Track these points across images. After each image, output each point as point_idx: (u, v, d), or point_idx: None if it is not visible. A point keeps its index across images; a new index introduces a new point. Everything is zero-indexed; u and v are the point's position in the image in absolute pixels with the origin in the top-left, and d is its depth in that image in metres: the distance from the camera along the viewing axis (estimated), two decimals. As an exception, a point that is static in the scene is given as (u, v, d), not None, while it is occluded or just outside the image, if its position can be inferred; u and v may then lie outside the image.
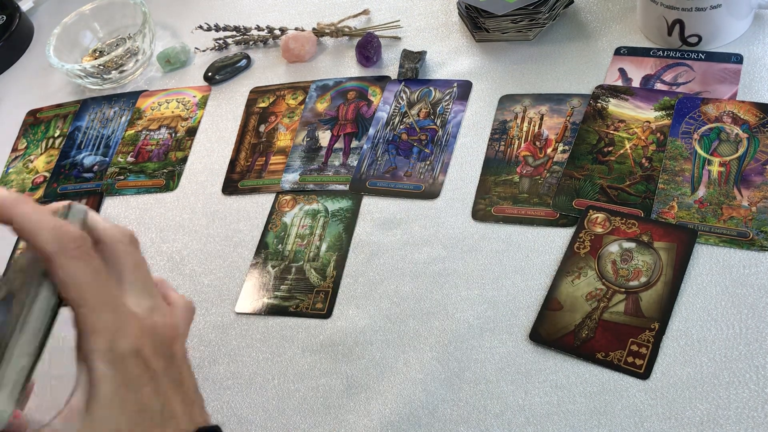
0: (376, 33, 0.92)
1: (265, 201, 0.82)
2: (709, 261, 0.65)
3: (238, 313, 0.74)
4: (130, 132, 0.95)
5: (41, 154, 0.97)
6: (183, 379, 0.44)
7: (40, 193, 0.92)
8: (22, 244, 0.87)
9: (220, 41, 1.00)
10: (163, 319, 0.44)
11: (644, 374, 0.60)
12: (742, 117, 0.72)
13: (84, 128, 0.97)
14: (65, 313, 0.42)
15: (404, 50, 0.89)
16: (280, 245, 0.78)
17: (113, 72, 0.99)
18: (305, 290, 0.73)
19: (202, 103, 0.95)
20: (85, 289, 0.40)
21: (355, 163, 0.82)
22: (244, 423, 0.67)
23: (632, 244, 0.67)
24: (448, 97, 0.84)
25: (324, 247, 0.76)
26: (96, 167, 0.92)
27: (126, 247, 0.44)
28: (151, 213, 0.85)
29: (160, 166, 0.89)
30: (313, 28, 0.96)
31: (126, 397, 0.41)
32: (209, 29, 1.00)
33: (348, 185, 0.80)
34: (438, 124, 0.82)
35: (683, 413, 0.58)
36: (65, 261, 0.40)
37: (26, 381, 0.40)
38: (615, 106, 0.77)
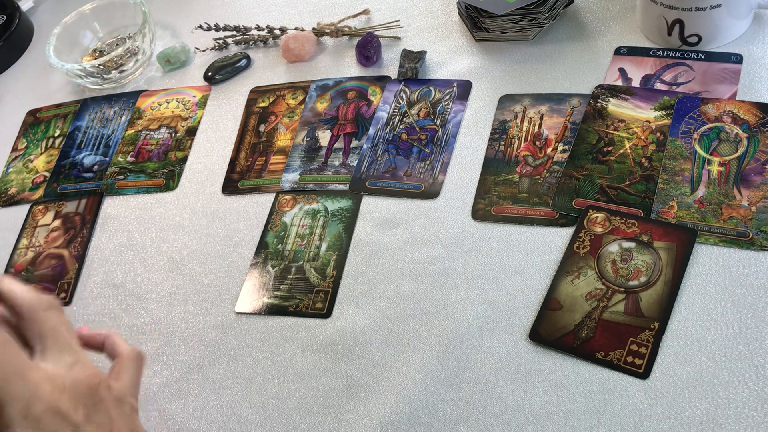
0: (376, 33, 0.92)
1: (265, 201, 0.82)
2: (708, 261, 0.65)
3: (238, 313, 0.74)
4: (130, 132, 0.95)
5: (41, 153, 0.97)
6: (113, 421, 0.47)
7: (40, 192, 0.92)
8: (21, 243, 0.87)
9: (220, 41, 1.00)
10: (83, 370, 0.47)
11: (644, 374, 0.60)
12: (741, 117, 0.72)
13: (84, 128, 0.97)
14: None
15: (404, 50, 0.89)
16: (280, 245, 0.78)
17: (113, 72, 0.99)
18: (305, 290, 0.73)
19: (202, 103, 0.95)
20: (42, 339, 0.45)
21: (355, 163, 0.82)
22: (244, 423, 0.67)
23: (632, 244, 0.67)
24: (448, 97, 0.84)
25: (324, 247, 0.76)
26: (96, 167, 0.92)
27: (43, 314, 0.47)
28: (151, 213, 0.85)
29: (160, 166, 0.89)
30: (313, 28, 0.96)
31: None
32: (209, 29, 1.00)
33: (348, 185, 0.80)
34: (438, 123, 0.82)
35: (683, 413, 0.58)
36: (36, 315, 0.44)
37: None
38: (615, 106, 0.77)
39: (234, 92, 0.95)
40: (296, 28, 0.97)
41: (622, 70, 0.80)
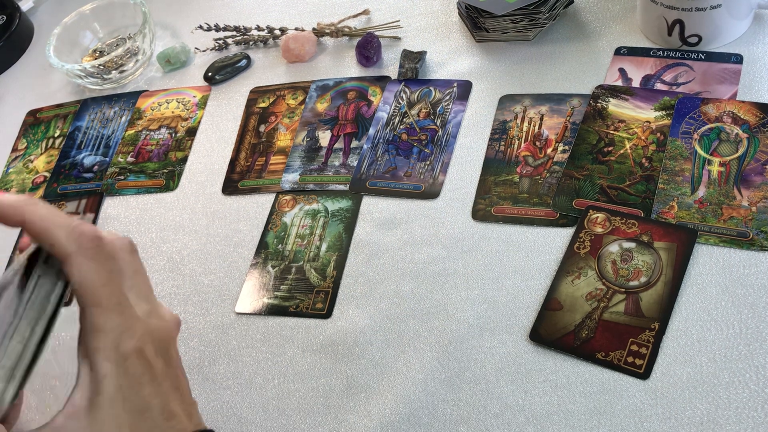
0: (376, 33, 0.92)
1: (265, 201, 0.82)
2: (709, 261, 0.65)
3: (238, 313, 0.74)
4: (130, 132, 0.95)
5: (41, 154, 0.97)
6: (180, 382, 0.45)
7: (40, 192, 0.92)
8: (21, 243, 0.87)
9: (220, 41, 1.00)
10: (160, 322, 0.45)
11: (644, 374, 0.60)
12: (742, 117, 0.72)
13: (84, 128, 0.97)
14: (66, 313, 0.42)
15: (404, 50, 0.89)
16: (280, 245, 0.78)
17: (113, 72, 0.99)
18: (305, 290, 0.73)
19: (202, 103, 0.95)
20: (98, 289, 0.41)
21: (355, 163, 0.82)
22: (244, 423, 0.67)
23: (632, 244, 0.67)
24: (448, 97, 0.84)
25: (324, 247, 0.76)
26: (96, 167, 0.92)
27: (127, 255, 0.45)
28: (151, 213, 0.85)
29: (160, 166, 0.89)
30: (313, 28, 0.96)
31: (129, 395, 0.42)
32: (209, 29, 1.00)
33: (348, 185, 0.80)
34: (438, 124, 0.82)
35: (683, 413, 0.58)
36: (81, 261, 0.41)
37: (25, 369, 0.39)
38: (615, 106, 0.77)
39: (234, 92, 0.94)
40: (296, 29, 0.97)
41: (622, 71, 0.80)
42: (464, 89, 0.85)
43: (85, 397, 0.41)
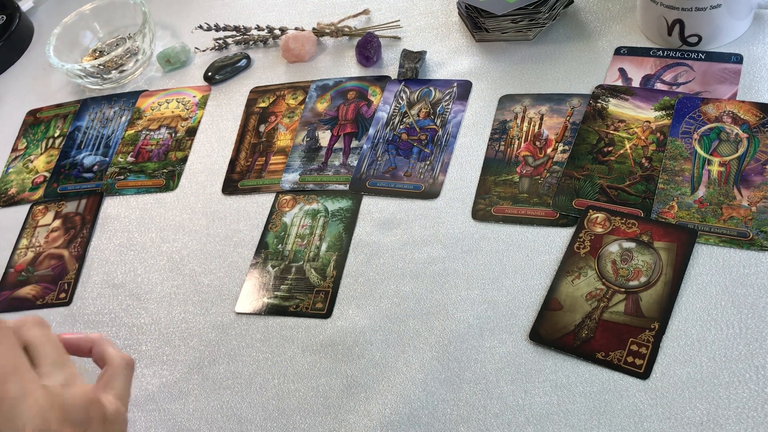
0: (376, 33, 0.92)
1: (265, 201, 0.82)
2: (709, 261, 0.65)
3: (238, 313, 0.74)
4: (130, 132, 0.95)
5: (41, 153, 0.97)
6: None
7: (40, 192, 0.92)
8: (21, 243, 0.87)
9: (220, 41, 1.00)
10: (74, 389, 0.46)
11: (644, 374, 0.60)
12: (742, 117, 0.72)
13: (84, 128, 0.97)
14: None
15: (404, 50, 0.89)
16: (280, 245, 0.78)
17: (113, 72, 0.99)
18: (305, 290, 0.73)
19: (202, 103, 0.95)
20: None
21: (355, 163, 0.82)
22: (244, 423, 0.67)
23: (632, 244, 0.67)
24: (448, 97, 0.84)
25: (324, 247, 0.76)
26: (96, 167, 0.92)
27: (29, 331, 0.46)
28: (151, 213, 0.85)
29: (160, 166, 0.89)
30: (313, 28, 0.96)
31: None
32: (209, 29, 1.00)
33: (348, 185, 0.80)
34: (438, 124, 0.82)
35: (683, 413, 0.58)
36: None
37: None
38: (615, 106, 0.77)
39: (234, 92, 0.94)
40: (296, 28, 0.97)
41: (622, 70, 0.80)
42: (464, 89, 0.85)
43: None
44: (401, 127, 0.83)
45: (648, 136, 0.74)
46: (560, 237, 0.70)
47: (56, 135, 0.98)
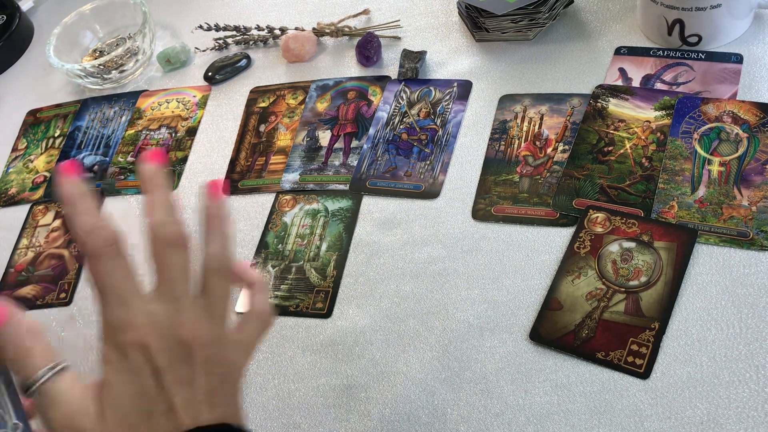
0: (376, 33, 0.92)
1: (265, 201, 0.82)
2: (709, 261, 0.65)
3: (239, 313, 0.74)
4: (130, 132, 0.95)
5: (41, 153, 0.97)
6: (194, 379, 0.47)
7: (40, 192, 0.92)
8: (21, 243, 0.87)
9: (220, 41, 1.00)
10: (185, 324, 0.47)
11: (644, 374, 0.60)
12: (742, 117, 0.72)
13: (84, 128, 0.97)
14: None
15: (404, 50, 0.89)
16: (280, 245, 0.78)
17: (113, 72, 0.99)
18: (305, 290, 0.73)
19: (202, 103, 0.95)
20: (106, 286, 0.46)
21: (355, 163, 0.82)
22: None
23: (632, 244, 0.67)
24: (448, 97, 0.84)
25: (324, 247, 0.76)
26: (96, 167, 0.92)
27: (168, 250, 0.48)
28: (151, 213, 0.85)
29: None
30: (313, 28, 0.96)
31: (128, 376, 0.46)
32: (209, 29, 1.00)
33: (348, 185, 0.80)
34: (438, 123, 0.82)
35: (683, 413, 0.58)
36: (93, 261, 0.46)
37: None
38: (615, 106, 0.77)
39: (234, 92, 0.95)
40: (296, 28, 0.97)
41: (622, 70, 0.80)
42: (464, 89, 0.85)
43: (99, 380, 0.46)
44: (401, 126, 0.83)
45: (648, 135, 0.74)
46: (560, 237, 0.70)
47: (56, 135, 0.98)
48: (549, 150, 0.76)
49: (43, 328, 0.49)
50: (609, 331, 0.62)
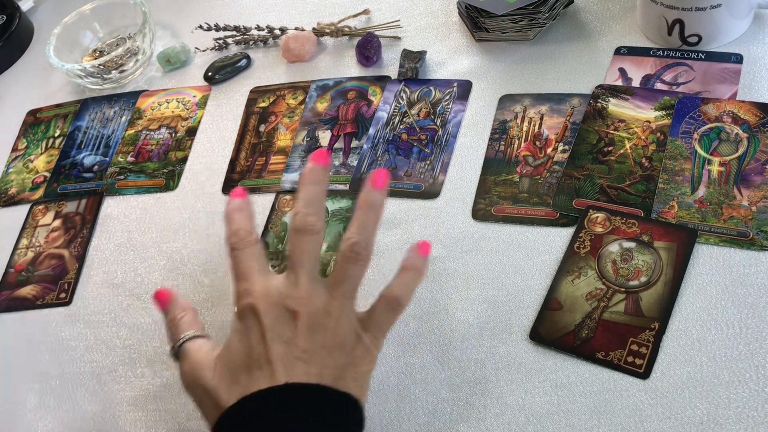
0: (376, 33, 0.92)
1: (265, 201, 0.82)
2: (709, 261, 0.65)
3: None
4: (130, 132, 0.95)
5: (41, 153, 0.97)
6: (295, 339, 0.55)
7: (40, 192, 0.92)
8: (21, 243, 0.87)
9: (220, 41, 1.00)
10: (295, 295, 0.56)
11: (644, 374, 0.60)
12: (742, 117, 0.72)
13: (84, 128, 0.97)
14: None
15: (404, 50, 0.89)
16: (280, 245, 0.78)
17: (113, 72, 0.99)
18: (305, 290, 0.73)
19: (202, 103, 0.95)
20: (235, 267, 0.59)
21: (355, 163, 0.82)
22: (245, 423, 0.67)
23: (632, 244, 0.67)
24: (448, 97, 0.84)
25: (324, 247, 0.76)
26: (96, 167, 0.92)
27: (296, 236, 0.58)
28: (151, 213, 0.85)
29: (160, 166, 0.89)
30: (313, 28, 0.96)
31: (241, 336, 0.56)
32: (209, 29, 1.00)
33: (348, 185, 0.80)
34: (438, 123, 0.82)
35: (683, 413, 0.58)
36: (232, 252, 0.59)
37: None
38: (615, 106, 0.77)
39: (234, 92, 0.95)
40: (296, 28, 0.97)
41: (622, 70, 0.80)
42: (464, 89, 0.85)
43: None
44: (401, 126, 0.83)
45: (648, 135, 0.74)
46: (560, 237, 0.70)
47: (56, 135, 0.98)
48: (549, 150, 0.76)
49: (191, 305, 0.63)
50: (609, 331, 0.62)
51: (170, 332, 0.61)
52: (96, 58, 1.02)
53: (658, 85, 0.78)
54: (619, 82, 0.79)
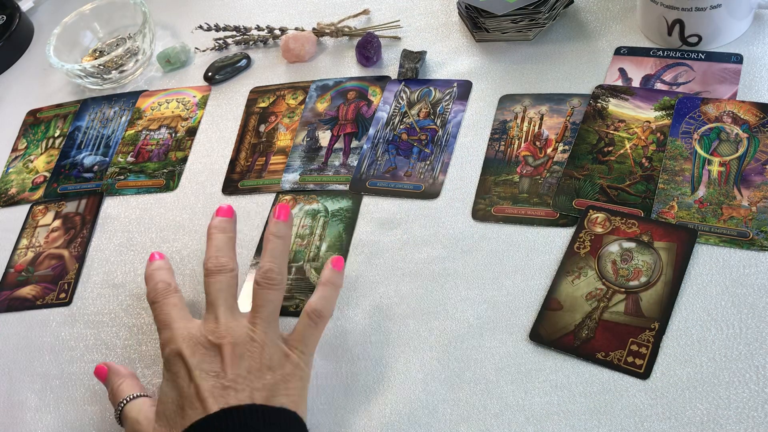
0: (376, 33, 0.92)
1: (265, 201, 0.82)
2: (709, 261, 0.65)
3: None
4: (130, 132, 0.95)
5: (41, 154, 0.97)
6: (223, 370, 0.58)
7: (40, 192, 0.92)
8: (21, 243, 0.87)
9: (220, 41, 1.00)
10: (217, 330, 0.61)
11: (644, 374, 0.60)
12: (742, 117, 0.72)
13: (84, 128, 0.97)
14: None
15: (404, 50, 0.89)
16: (280, 245, 0.77)
17: (113, 72, 0.99)
18: (305, 290, 0.73)
19: (202, 103, 0.95)
20: (156, 318, 0.64)
21: (355, 163, 0.82)
22: (244, 423, 0.67)
23: (632, 244, 0.67)
24: (448, 97, 0.84)
25: (324, 247, 0.76)
26: (96, 167, 0.92)
27: (211, 279, 0.64)
28: (151, 213, 0.85)
29: (160, 166, 0.89)
30: (313, 28, 0.96)
31: (171, 384, 0.59)
32: (209, 29, 1.00)
33: (348, 185, 0.80)
34: (438, 124, 0.82)
35: (683, 413, 0.58)
36: (152, 306, 0.66)
37: None
38: (615, 106, 0.77)
39: (234, 92, 0.95)
40: (296, 28, 0.97)
41: (622, 70, 0.80)
42: (464, 89, 0.85)
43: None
44: (401, 127, 0.83)
45: (648, 136, 0.74)
46: (560, 237, 0.70)
47: (56, 135, 0.98)
48: (549, 150, 0.76)
49: (128, 371, 0.67)
50: (609, 332, 0.62)
51: (112, 401, 0.65)
52: (96, 58, 1.02)
53: (658, 86, 0.78)
54: (619, 83, 0.79)
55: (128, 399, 0.63)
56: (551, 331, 0.64)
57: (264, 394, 0.58)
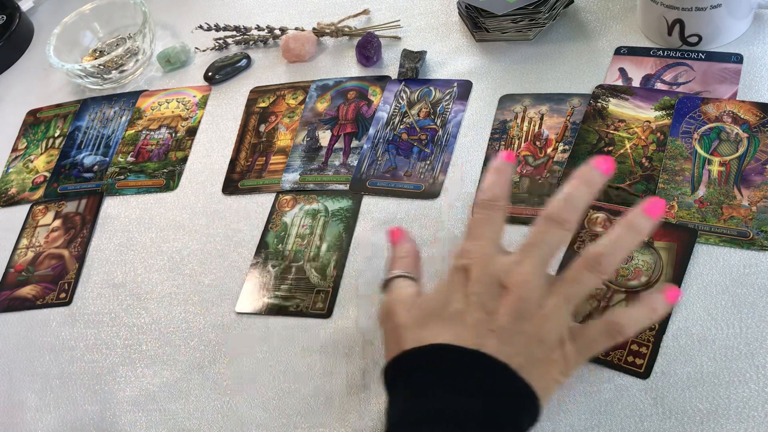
0: (376, 33, 0.92)
1: (265, 201, 0.82)
2: (709, 261, 0.65)
3: (239, 313, 0.74)
4: (130, 132, 0.95)
5: (41, 153, 0.97)
6: (496, 313, 0.53)
7: (40, 192, 0.92)
8: (22, 243, 0.87)
9: (220, 41, 1.00)
10: (513, 273, 0.54)
11: (644, 374, 0.60)
12: (742, 117, 0.72)
13: (84, 128, 0.97)
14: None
15: (404, 50, 0.89)
16: (280, 245, 0.78)
17: (113, 72, 0.99)
18: (305, 290, 0.73)
19: (202, 103, 0.95)
20: (470, 224, 0.58)
21: (355, 163, 0.82)
22: (245, 423, 0.67)
23: (632, 244, 0.67)
24: (448, 97, 0.84)
25: (324, 247, 0.76)
26: (96, 167, 0.92)
27: (547, 230, 0.55)
28: (151, 213, 0.85)
29: (160, 166, 0.90)
30: (313, 28, 0.96)
31: (446, 288, 0.56)
32: (209, 29, 1.00)
33: (348, 185, 0.80)
34: (438, 123, 0.82)
35: (683, 413, 0.58)
36: (475, 208, 0.62)
37: None
38: (615, 106, 0.77)
39: (234, 92, 0.95)
40: (296, 28, 0.97)
41: (622, 70, 0.80)
42: (464, 89, 0.85)
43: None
44: (401, 126, 0.83)
45: (648, 135, 0.74)
46: (560, 237, 0.70)
47: (56, 135, 0.98)
48: (549, 150, 0.76)
49: (417, 252, 0.65)
50: (609, 331, 0.62)
51: (388, 266, 0.64)
52: (96, 58, 1.02)
53: (658, 85, 0.78)
54: (619, 82, 0.79)
55: (401, 275, 0.61)
56: (551, 331, 0.64)
57: (521, 362, 0.52)
